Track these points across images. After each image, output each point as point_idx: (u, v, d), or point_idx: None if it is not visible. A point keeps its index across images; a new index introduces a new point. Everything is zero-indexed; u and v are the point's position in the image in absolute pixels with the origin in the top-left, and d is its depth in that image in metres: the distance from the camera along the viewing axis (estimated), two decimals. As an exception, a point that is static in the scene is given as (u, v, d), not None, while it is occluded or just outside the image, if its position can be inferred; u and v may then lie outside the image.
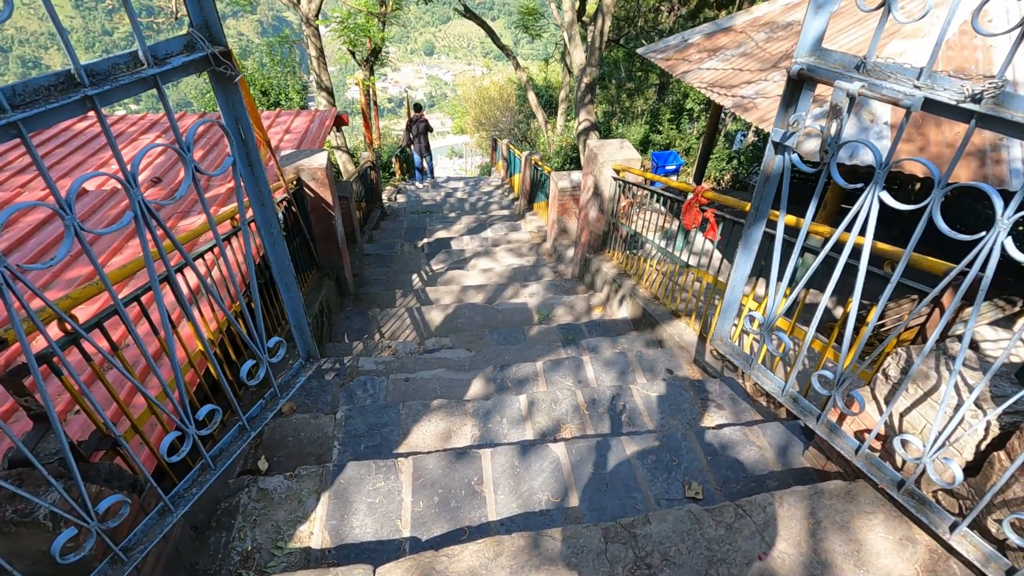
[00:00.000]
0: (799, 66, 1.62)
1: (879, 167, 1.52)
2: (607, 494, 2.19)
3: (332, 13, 11.84)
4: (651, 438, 2.44)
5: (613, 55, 17.31)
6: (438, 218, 9.50)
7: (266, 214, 1.69)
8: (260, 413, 1.90)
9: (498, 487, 2.20)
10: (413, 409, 2.81)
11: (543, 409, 2.84)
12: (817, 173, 1.68)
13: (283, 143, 6.14)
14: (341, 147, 12.36)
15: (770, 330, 2.02)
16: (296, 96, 13.39)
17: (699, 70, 5.75)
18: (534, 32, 15.67)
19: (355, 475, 2.21)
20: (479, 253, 7.21)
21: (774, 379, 2.09)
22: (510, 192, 12.10)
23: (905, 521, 1.81)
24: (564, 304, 5.21)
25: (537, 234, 8.25)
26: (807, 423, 1.98)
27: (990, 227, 1.35)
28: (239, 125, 1.48)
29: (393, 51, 20.21)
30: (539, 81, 22.09)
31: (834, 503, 1.87)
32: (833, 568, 1.69)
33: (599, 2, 9.01)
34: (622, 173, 4.86)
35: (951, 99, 1.31)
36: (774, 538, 1.77)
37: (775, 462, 2.34)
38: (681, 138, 14.44)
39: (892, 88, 1.42)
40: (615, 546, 1.72)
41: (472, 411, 2.82)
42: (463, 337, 4.45)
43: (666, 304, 4.28)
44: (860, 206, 1.58)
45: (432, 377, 3.34)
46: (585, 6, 12.69)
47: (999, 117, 1.25)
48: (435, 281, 6.26)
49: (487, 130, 23.00)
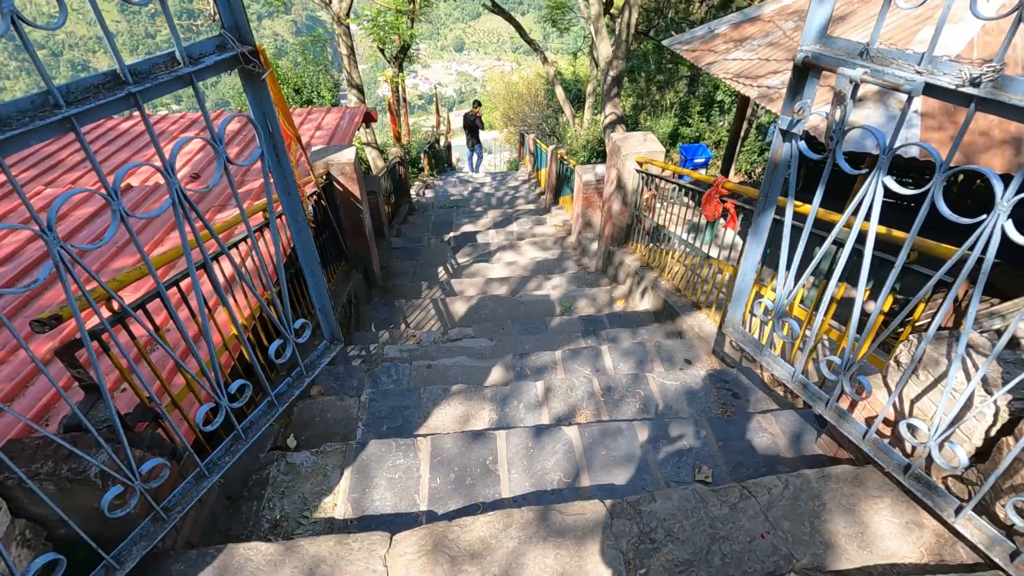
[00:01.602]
0: (804, 54, 1.64)
1: (882, 152, 1.54)
2: (618, 476, 2.25)
3: (363, 12, 12.06)
4: (664, 424, 2.48)
5: (642, 48, 17.12)
6: (464, 213, 9.62)
7: (292, 203, 1.80)
8: (287, 390, 2.02)
9: (512, 466, 2.28)
10: (433, 393, 2.91)
11: (559, 395, 2.91)
12: (824, 160, 1.70)
13: (314, 139, 6.34)
14: (370, 143, 12.60)
15: (780, 317, 2.04)
16: (328, 94, 13.70)
17: (725, 60, 5.69)
18: (563, 26, 15.63)
19: (376, 452, 2.32)
20: (504, 247, 7.30)
21: (784, 365, 2.11)
22: (537, 186, 12.15)
23: (912, 505, 1.82)
24: (586, 296, 5.26)
25: (562, 228, 8.29)
26: (816, 409, 2.00)
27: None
28: (267, 119, 1.59)
29: (423, 48, 20.41)
30: (567, 75, 22.00)
31: (841, 487, 1.89)
32: (836, 548, 1.72)
33: (626, -6, 8.96)
34: (645, 165, 4.87)
35: (951, 84, 1.33)
36: (778, 518, 1.81)
37: (787, 449, 2.36)
38: (711, 131, 14.22)
39: (894, 74, 1.43)
40: (620, 521, 1.79)
41: (490, 396, 2.91)
42: (486, 327, 4.55)
43: (688, 296, 4.29)
44: (864, 192, 1.60)
45: (453, 364, 3.44)
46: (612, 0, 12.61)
47: (998, 100, 1.26)
48: (460, 274, 6.38)
49: (515, 125, 23.05)
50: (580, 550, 1.72)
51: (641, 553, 1.70)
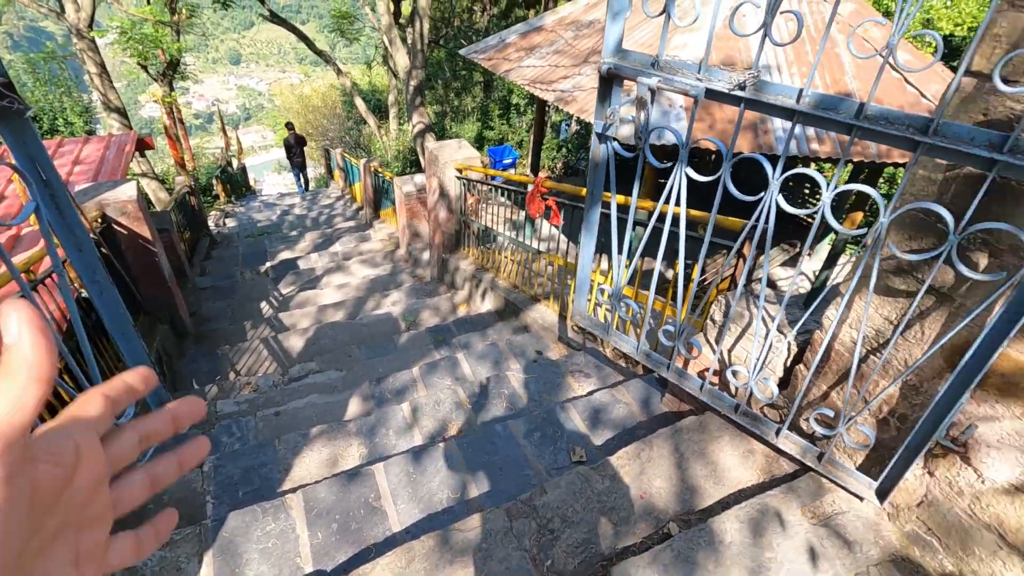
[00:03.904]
0: (607, 66, 1.84)
1: (682, 147, 1.80)
2: (503, 477, 2.30)
3: (110, 23, 10.32)
4: (533, 417, 2.60)
5: (436, 56, 17.50)
6: (278, 239, 8.88)
7: (87, 260, 1.49)
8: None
9: (397, 497, 2.19)
10: (291, 442, 2.66)
11: (427, 412, 2.86)
12: (636, 156, 1.93)
13: (74, 176, 5.29)
14: (148, 174, 10.90)
15: (619, 299, 2.28)
16: (78, 120, 11.47)
17: (520, 68, 6.10)
18: (351, 36, 15.23)
19: (239, 524, 2.04)
20: (331, 269, 6.91)
21: (629, 341, 2.36)
22: (353, 202, 11.69)
23: (745, 438, 2.18)
24: (429, 307, 5.24)
25: (389, 241, 8.12)
26: (660, 373, 2.28)
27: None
28: (37, 164, 1.29)
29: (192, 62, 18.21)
30: (364, 85, 21.52)
31: (691, 436, 2.18)
32: (699, 490, 1.99)
33: (413, 5, 9.05)
34: (464, 172, 5.00)
35: (725, 88, 1.61)
36: (651, 477, 2.02)
37: (640, 413, 2.64)
38: (512, 132, 15.13)
39: (681, 81, 1.69)
40: (519, 521, 1.83)
41: (355, 430, 2.75)
42: (330, 358, 4.27)
43: (525, 291, 4.53)
44: (672, 182, 1.85)
45: (305, 405, 3.17)
46: (400, 8, 12.64)
47: (760, 100, 1.56)
48: (288, 305, 5.88)
49: (316, 140, 21.86)
50: (488, 561, 1.72)
51: (544, 546, 1.77)
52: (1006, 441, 1.50)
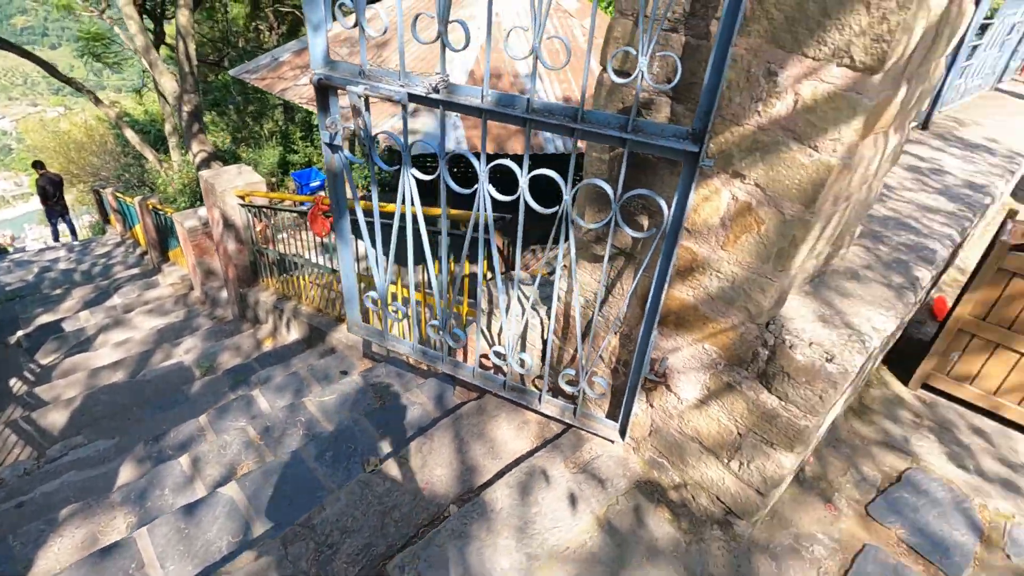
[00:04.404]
0: (318, 76, 1.87)
1: (404, 151, 1.90)
2: (292, 506, 2.20)
3: None
4: (325, 438, 2.53)
5: (221, 79, 16.11)
6: (36, 301, 7.41)
7: None
8: None
9: (166, 559, 1.97)
10: (32, 534, 2.24)
11: (211, 460, 2.62)
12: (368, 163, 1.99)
13: None
14: None
15: (386, 303, 2.32)
16: None
17: (296, 86, 5.90)
18: (110, 60, 13.38)
19: (-53, 649, 1.67)
20: (107, 326, 5.98)
21: (404, 342, 2.41)
22: (136, 247, 10.23)
23: (519, 411, 2.36)
24: (229, 348, 4.80)
25: (182, 284, 7.27)
26: (438, 367, 2.37)
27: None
28: None
29: None
30: (139, 115, 19.02)
31: (470, 420, 2.30)
32: (477, 468, 2.10)
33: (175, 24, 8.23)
34: (248, 198, 4.68)
35: (423, 91, 1.73)
36: (432, 467, 2.09)
37: (435, 410, 2.71)
38: (319, 154, 14.52)
39: (387, 88, 1.78)
40: (295, 546, 1.77)
41: (121, 500, 2.41)
42: (104, 426, 3.69)
43: (330, 313, 4.39)
44: (401, 183, 1.94)
45: (58, 486, 2.70)
46: (164, 28, 11.39)
47: (452, 101, 1.71)
48: (48, 378, 4.95)
49: (86, 181, 18.68)
50: (260, 597, 1.63)
51: (323, 563, 1.73)
52: (688, 365, 1.83)
